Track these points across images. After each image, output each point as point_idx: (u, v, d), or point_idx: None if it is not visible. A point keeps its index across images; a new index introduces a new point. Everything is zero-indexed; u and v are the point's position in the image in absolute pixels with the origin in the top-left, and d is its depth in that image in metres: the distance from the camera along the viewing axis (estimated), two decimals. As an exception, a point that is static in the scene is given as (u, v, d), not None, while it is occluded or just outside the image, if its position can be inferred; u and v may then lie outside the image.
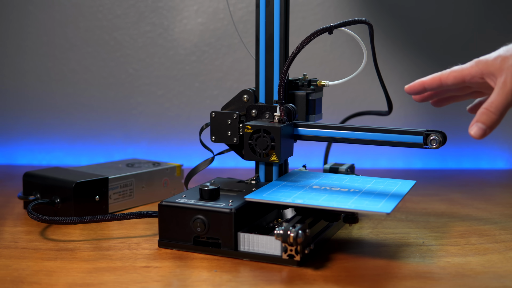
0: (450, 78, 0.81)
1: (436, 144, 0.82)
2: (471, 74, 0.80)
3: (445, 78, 0.82)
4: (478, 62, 0.79)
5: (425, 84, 0.83)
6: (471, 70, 0.80)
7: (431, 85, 0.83)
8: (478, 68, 0.79)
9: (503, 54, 0.77)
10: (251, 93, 0.93)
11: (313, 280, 0.73)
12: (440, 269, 0.77)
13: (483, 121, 0.76)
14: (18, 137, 1.45)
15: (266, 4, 0.90)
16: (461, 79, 0.81)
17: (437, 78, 0.83)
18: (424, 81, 0.83)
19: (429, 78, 0.83)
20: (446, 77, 0.82)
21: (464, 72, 0.80)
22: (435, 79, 0.83)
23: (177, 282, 0.72)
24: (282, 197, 0.80)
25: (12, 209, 1.03)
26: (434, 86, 0.83)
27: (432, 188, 1.23)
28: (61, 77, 1.44)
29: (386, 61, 1.43)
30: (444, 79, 0.82)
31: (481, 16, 1.45)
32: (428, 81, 0.83)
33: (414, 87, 0.85)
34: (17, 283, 0.71)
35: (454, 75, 0.81)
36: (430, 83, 0.83)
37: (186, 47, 1.43)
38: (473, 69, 0.79)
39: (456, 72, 0.81)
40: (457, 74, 0.81)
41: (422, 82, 0.84)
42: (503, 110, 0.75)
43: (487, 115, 0.76)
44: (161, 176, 1.10)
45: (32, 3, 1.41)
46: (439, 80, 0.82)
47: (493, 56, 0.78)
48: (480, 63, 0.79)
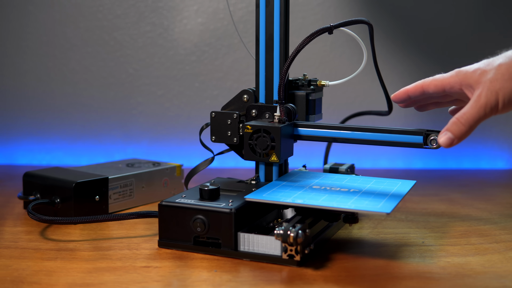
0: (431, 87, 0.82)
1: (436, 144, 0.82)
2: (450, 84, 0.80)
3: (427, 86, 0.83)
4: (458, 72, 0.80)
5: (409, 92, 0.85)
6: (450, 80, 0.80)
7: (414, 92, 0.84)
8: (458, 78, 0.79)
9: (483, 67, 0.77)
10: (251, 93, 0.93)
11: (313, 280, 0.73)
12: (440, 269, 0.77)
13: (452, 131, 0.77)
14: (18, 137, 1.45)
15: (266, 4, 0.90)
16: (441, 88, 0.81)
17: (419, 86, 0.83)
18: (408, 89, 0.85)
19: (412, 86, 0.84)
20: (428, 85, 0.83)
21: (444, 82, 0.81)
22: (417, 87, 0.84)
23: (177, 282, 0.72)
24: (282, 197, 0.80)
25: (12, 209, 1.03)
26: (417, 94, 0.84)
27: (432, 188, 1.23)
28: (61, 77, 1.44)
29: (386, 61, 1.43)
30: (425, 87, 0.83)
31: (481, 16, 1.45)
32: (411, 89, 0.84)
33: (399, 95, 0.86)
34: (17, 283, 0.71)
35: (435, 84, 0.82)
36: (413, 91, 0.84)
37: (186, 47, 1.43)
38: (453, 79, 0.80)
39: (437, 81, 0.82)
40: (438, 83, 0.81)
41: (406, 90, 0.85)
42: (473, 123, 0.76)
43: (457, 125, 0.76)
44: (161, 176, 1.10)
45: (32, 3, 1.41)
46: (421, 88, 0.83)
47: (473, 68, 0.78)
48: (460, 73, 0.79)
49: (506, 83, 0.75)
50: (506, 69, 0.76)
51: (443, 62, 1.46)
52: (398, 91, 0.86)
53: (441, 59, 1.45)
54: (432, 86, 0.82)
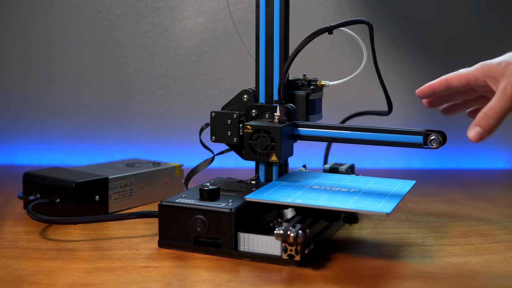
0: (456, 80, 0.83)
1: (436, 144, 0.82)
2: (475, 77, 0.81)
3: (451, 80, 0.83)
4: (483, 65, 0.80)
5: (434, 86, 0.85)
6: (475, 73, 0.81)
7: (439, 87, 0.85)
8: (482, 71, 0.80)
9: (507, 59, 0.78)
10: (251, 93, 0.93)
11: (313, 280, 0.73)
12: (440, 269, 0.77)
13: (481, 125, 0.77)
14: (18, 137, 1.45)
15: (266, 4, 0.90)
16: (466, 81, 0.82)
17: (443, 80, 0.84)
18: (433, 84, 0.85)
19: (437, 80, 0.85)
20: (452, 78, 0.83)
21: (468, 75, 0.81)
22: (442, 81, 0.85)
23: (177, 282, 0.72)
24: (282, 197, 0.80)
25: (12, 209, 1.03)
26: (442, 88, 0.85)
27: (432, 188, 1.23)
28: (61, 77, 1.44)
29: (386, 61, 1.43)
30: (450, 81, 0.83)
31: (481, 16, 1.45)
32: (436, 84, 0.85)
33: (424, 90, 0.87)
34: (17, 283, 0.71)
35: (459, 77, 0.82)
36: (438, 85, 0.85)
37: (186, 47, 1.43)
38: (477, 72, 0.80)
39: (461, 74, 0.82)
40: (462, 76, 0.82)
41: (431, 85, 0.86)
42: (501, 116, 0.76)
43: (486, 119, 0.77)
44: (161, 176, 1.10)
45: (32, 3, 1.41)
46: (446, 82, 0.84)
47: (498, 61, 0.79)
48: (484, 66, 0.80)
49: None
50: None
51: (443, 62, 1.46)
52: (423, 86, 0.87)
53: (441, 59, 1.45)
54: (457, 80, 0.83)
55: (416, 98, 1.49)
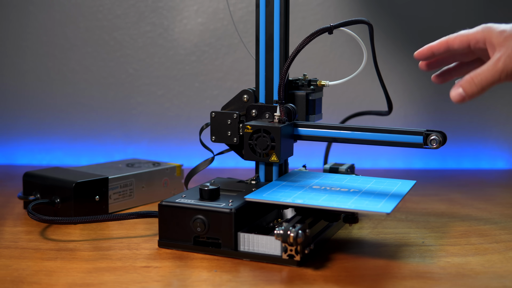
0: (456, 41, 0.82)
1: (436, 144, 0.82)
2: (476, 39, 0.80)
3: (452, 41, 0.82)
4: (485, 28, 0.79)
5: (433, 48, 0.84)
6: (476, 35, 0.80)
7: (438, 49, 0.84)
8: (483, 33, 0.79)
9: (509, 31, 0.76)
10: (251, 93, 0.93)
11: (313, 280, 0.73)
12: (440, 269, 0.77)
13: (465, 88, 0.76)
14: (18, 137, 1.45)
15: (266, 4, 0.90)
16: (467, 43, 0.81)
17: (444, 41, 0.83)
18: (432, 45, 0.84)
19: (437, 42, 0.84)
20: (453, 40, 0.82)
21: (470, 36, 0.80)
22: (442, 42, 0.83)
23: (177, 282, 0.72)
24: (282, 197, 0.80)
25: (12, 209, 1.03)
26: (441, 50, 0.84)
27: (432, 188, 1.23)
28: (61, 77, 1.44)
29: (386, 61, 1.43)
30: (450, 42, 0.82)
31: (480, 16, 1.45)
32: (436, 46, 0.84)
33: (423, 52, 0.85)
34: (17, 283, 0.71)
35: (460, 39, 0.81)
36: (437, 47, 0.84)
37: (186, 47, 1.44)
38: (479, 34, 0.79)
39: (462, 36, 0.81)
40: (463, 38, 0.81)
41: (430, 46, 0.84)
42: (486, 86, 0.75)
43: (470, 84, 0.76)
44: (161, 176, 1.10)
45: (32, 3, 1.41)
46: (446, 43, 0.83)
47: (501, 28, 0.77)
48: (486, 29, 0.79)
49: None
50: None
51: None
52: (422, 48, 0.85)
53: (441, 59, 1.45)
54: (458, 41, 0.82)
55: (416, 98, 1.50)
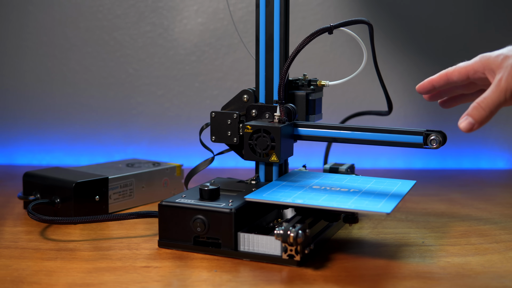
0: (455, 74, 0.83)
1: (436, 144, 0.82)
2: (474, 69, 0.81)
3: (451, 74, 0.84)
4: (482, 57, 0.81)
5: (434, 82, 0.85)
6: (474, 65, 0.81)
7: (439, 82, 0.85)
8: (481, 63, 0.80)
9: (506, 53, 0.78)
10: (251, 93, 0.93)
11: (313, 280, 0.73)
12: (440, 269, 0.77)
13: (473, 115, 0.77)
14: (18, 137, 1.45)
15: (266, 4, 0.90)
16: (465, 75, 0.82)
17: (443, 74, 0.85)
18: (433, 79, 0.86)
19: (437, 75, 0.85)
20: (452, 73, 0.84)
21: (468, 68, 0.82)
22: (441, 76, 0.85)
23: (177, 282, 0.72)
24: (282, 197, 0.80)
25: (12, 209, 1.03)
26: (442, 83, 0.85)
27: (432, 188, 1.23)
28: (61, 77, 1.44)
29: (386, 61, 1.43)
30: (449, 75, 0.84)
31: (480, 16, 1.45)
32: (436, 79, 0.85)
33: (424, 85, 0.87)
34: (17, 283, 0.71)
35: (459, 71, 0.83)
36: (438, 80, 0.85)
37: (186, 47, 1.44)
38: (476, 64, 0.81)
39: (461, 68, 0.83)
40: (462, 70, 0.82)
41: (430, 80, 0.86)
42: (493, 108, 0.76)
43: (478, 110, 0.76)
44: (161, 176, 1.10)
45: (32, 3, 1.41)
46: (446, 76, 0.84)
47: (496, 53, 0.79)
48: (483, 58, 0.80)
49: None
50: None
51: (443, 62, 1.45)
52: (423, 82, 0.87)
53: (441, 59, 1.45)
54: (456, 73, 0.83)
55: (416, 98, 1.50)
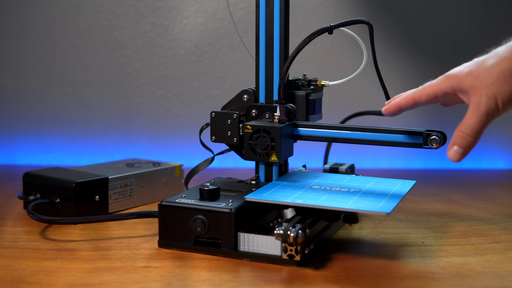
0: (423, 97, 0.79)
1: (436, 144, 0.82)
2: (443, 90, 0.77)
3: (418, 97, 0.79)
4: (449, 77, 0.76)
5: (401, 105, 0.81)
6: (442, 86, 0.77)
7: (406, 105, 0.80)
8: (450, 83, 0.76)
9: (475, 70, 0.74)
10: (251, 93, 0.93)
11: (313, 280, 0.73)
12: (440, 269, 0.77)
13: (460, 144, 0.74)
14: (18, 137, 1.45)
15: (266, 4, 0.90)
16: (434, 96, 0.78)
17: (410, 97, 0.80)
18: (399, 102, 0.81)
19: (404, 98, 0.80)
20: (419, 96, 0.79)
21: (435, 89, 0.77)
22: (409, 99, 0.80)
23: (177, 282, 0.72)
24: (282, 197, 0.80)
25: (12, 209, 1.03)
26: (409, 106, 0.80)
27: (432, 188, 1.23)
28: (61, 77, 1.44)
29: (386, 61, 1.43)
30: (417, 98, 0.79)
31: (481, 16, 1.45)
32: (403, 102, 0.80)
33: (390, 109, 0.82)
34: (17, 283, 0.71)
35: (426, 93, 0.78)
36: (405, 103, 0.80)
37: (186, 47, 1.44)
38: (444, 84, 0.77)
39: (428, 89, 0.78)
40: (429, 91, 0.78)
41: (397, 103, 0.81)
42: (478, 132, 0.74)
43: (464, 138, 0.74)
44: (161, 176, 1.10)
45: (32, 3, 1.41)
46: (413, 100, 0.80)
47: (465, 71, 0.75)
48: (451, 78, 0.76)
49: (503, 86, 0.73)
50: (500, 72, 0.73)
51: (443, 62, 1.46)
52: (389, 105, 0.82)
53: (440, 59, 1.45)
54: (424, 96, 0.78)
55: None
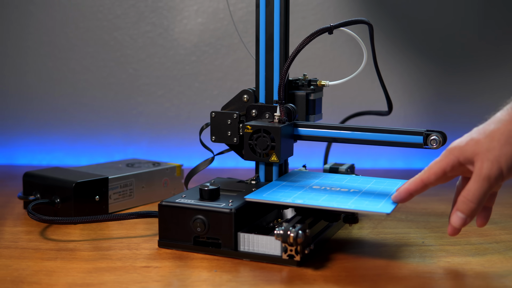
0: (432, 177, 0.77)
1: (436, 144, 0.82)
2: (449, 165, 0.75)
3: (427, 179, 0.77)
4: (452, 150, 0.75)
5: (411, 190, 0.78)
6: (448, 160, 0.75)
7: (416, 189, 0.78)
8: (454, 156, 0.75)
9: (476, 137, 0.73)
10: (251, 93, 0.93)
11: (313, 280, 0.73)
12: (440, 269, 0.77)
13: (462, 210, 0.74)
14: (18, 137, 1.45)
15: (266, 4, 0.90)
16: (442, 173, 0.76)
17: (419, 181, 0.78)
18: (409, 188, 0.78)
19: (412, 183, 0.78)
20: (428, 177, 0.77)
21: (442, 165, 0.76)
22: (417, 182, 0.78)
23: (177, 282, 0.73)
24: (282, 197, 0.80)
25: (12, 209, 1.03)
26: (419, 190, 0.78)
27: (432, 188, 1.23)
28: (62, 77, 1.44)
29: (386, 61, 1.43)
30: (426, 180, 0.77)
31: (480, 16, 1.45)
32: (412, 187, 0.78)
33: (401, 196, 0.79)
34: (17, 283, 0.71)
35: (434, 172, 0.76)
36: (414, 188, 0.78)
37: (186, 47, 1.44)
38: (449, 158, 0.75)
39: (435, 167, 0.76)
40: (437, 170, 0.76)
41: (406, 189, 0.78)
42: (481, 198, 0.73)
43: (466, 204, 0.73)
44: (161, 176, 1.10)
45: (33, 3, 1.41)
46: (422, 182, 0.77)
47: (466, 140, 0.74)
48: (454, 150, 0.75)
49: (504, 148, 0.71)
50: (501, 135, 0.72)
51: (443, 62, 1.46)
52: (398, 192, 0.79)
53: (440, 59, 1.45)
54: (433, 176, 0.76)
55: (416, 98, 1.50)
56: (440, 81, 1.46)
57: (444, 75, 1.46)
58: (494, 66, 1.44)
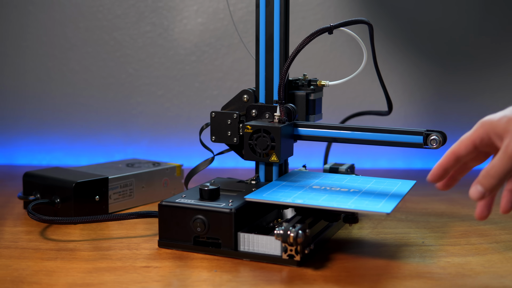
0: (462, 148, 0.76)
1: (436, 144, 0.82)
2: (479, 137, 0.75)
3: (457, 150, 0.77)
4: (483, 123, 0.75)
5: (444, 165, 0.77)
6: (478, 133, 0.75)
7: (449, 163, 0.77)
8: (484, 129, 0.75)
9: (509, 115, 0.73)
10: (251, 93, 0.93)
11: (313, 280, 0.73)
12: (440, 269, 0.77)
13: (483, 184, 0.73)
14: (18, 137, 1.45)
15: (266, 4, 0.90)
16: (472, 145, 0.76)
17: (450, 154, 0.77)
18: (442, 163, 0.78)
19: (445, 158, 0.78)
20: (458, 149, 0.77)
21: (472, 137, 0.76)
22: (449, 156, 0.77)
23: (177, 282, 0.73)
24: (282, 197, 0.80)
25: (12, 209, 1.03)
26: (452, 163, 0.78)
27: (432, 188, 1.22)
28: (61, 77, 1.44)
29: (386, 61, 1.43)
30: (457, 152, 0.77)
31: (481, 16, 1.45)
32: (445, 162, 0.77)
33: (436, 173, 0.78)
34: (17, 283, 0.71)
35: (465, 143, 0.76)
36: (447, 161, 0.77)
37: (186, 47, 1.43)
38: (479, 131, 0.75)
39: (466, 140, 0.76)
40: (467, 142, 0.76)
41: (440, 164, 0.78)
42: (503, 175, 0.72)
43: (487, 178, 0.73)
44: (161, 176, 1.10)
45: (32, 3, 1.41)
46: (453, 155, 0.77)
47: (498, 116, 0.74)
48: (485, 123, 0.75)
49: None
50: None
51: (443, 62, 1.46)
52: (433, 169, 0.78)
53: (441, 59, 1.45)
54: (463, 147, 0.76)
55: (416, 98, 1.50)
56: (440, 80, 1.46)
57: (444, 75, 1.46)
58: (495, 66, 1.45)
